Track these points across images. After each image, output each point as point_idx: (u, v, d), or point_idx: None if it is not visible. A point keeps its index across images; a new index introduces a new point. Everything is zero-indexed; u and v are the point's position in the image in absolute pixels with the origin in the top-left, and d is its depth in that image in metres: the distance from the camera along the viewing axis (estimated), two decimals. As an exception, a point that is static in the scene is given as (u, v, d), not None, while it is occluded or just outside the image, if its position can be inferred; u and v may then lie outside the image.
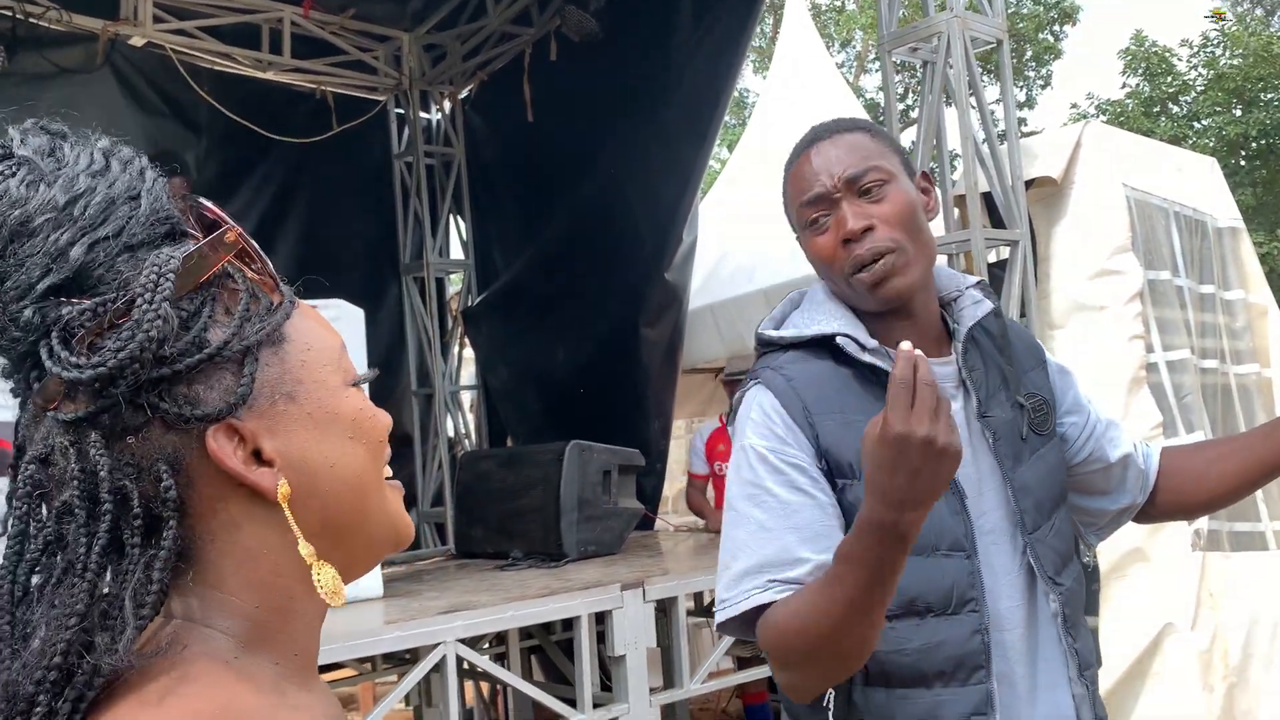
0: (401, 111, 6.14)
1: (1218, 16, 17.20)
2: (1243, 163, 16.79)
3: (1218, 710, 3.43)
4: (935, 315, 1.49)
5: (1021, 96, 19.70)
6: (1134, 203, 3.77)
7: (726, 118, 7.09)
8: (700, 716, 5.76)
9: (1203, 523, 3.59)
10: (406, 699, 4.69)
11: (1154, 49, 18.61)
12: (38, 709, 0.59)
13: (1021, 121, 19.77)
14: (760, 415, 1.40)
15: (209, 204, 0.70)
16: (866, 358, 1.39)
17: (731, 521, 1.39)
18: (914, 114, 13.77)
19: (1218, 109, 16.69)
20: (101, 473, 0.63)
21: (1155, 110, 18.49)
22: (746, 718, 5.31)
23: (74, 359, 0.62)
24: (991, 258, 4.10)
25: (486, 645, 4.10)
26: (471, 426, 6.24)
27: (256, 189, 5.58)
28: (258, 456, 0.66)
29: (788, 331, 1.48)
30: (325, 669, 3.62)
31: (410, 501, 5.95)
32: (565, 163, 5.37)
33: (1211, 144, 15.93)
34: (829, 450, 1.36)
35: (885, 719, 1.33)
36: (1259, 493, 3.94)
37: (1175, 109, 17.60)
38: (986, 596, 1.36)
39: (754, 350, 1.55)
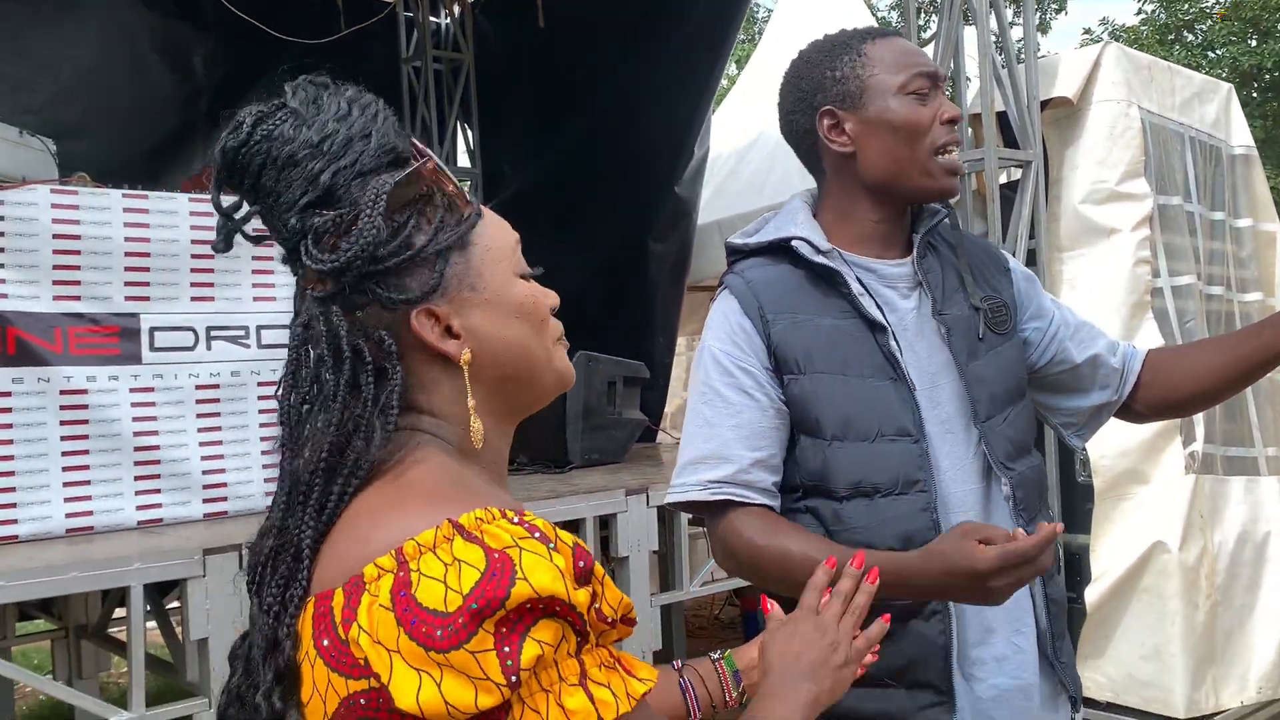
0: (410, 15, 6.05)
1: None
2: (1255, 95, 16.60)
3: (1200, 627, 3.54)
4: (904, 227, 1.58)
5: (1035, 21, 19.34)
6: (1149, 126, 3.76)
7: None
8: (694, 623, 5.91)
9: (1197, 446, 3.66)
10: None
11: (1172, -25, 18.29)
12: (315, 491, 0.85)
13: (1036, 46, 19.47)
14: (721, 320, 1.51)
15: (417, 144, 0.92)
16: (819, 259, 1.48)
17: (688, 417, 1.54)
18: (927, 32, 13.56)
19: (1233, 38, 16.44)
20: (341, 334, 0.87)
21: (1170, 38, 18.23)
22: (744, 624, 5.44)
23: (319, 254, 0.86)
24: (1003, 179, 4.10)
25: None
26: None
27: (265, 89, 5.52)
28: (450, 331, 0.89)
29: (748, 240, 1.58)
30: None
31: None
32: (578, 73, 5.32)
33: (1225, 74, 15.72)
34: (778, 347, 1.46)
35: None
36: (1254, 418, 4.01)
37: (1190, 37, 17.34)
38: (939, 479, 1.45)
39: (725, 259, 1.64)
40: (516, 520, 0.80)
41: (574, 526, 3.27)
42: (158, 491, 3.01)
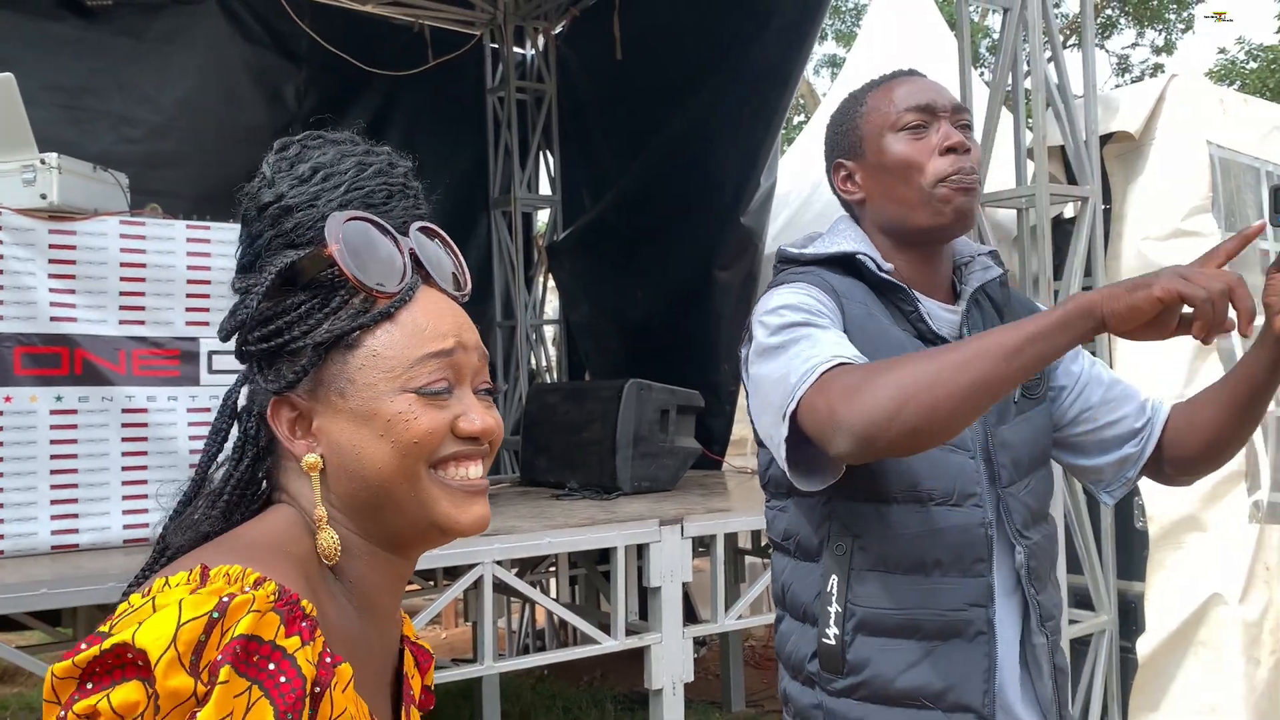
0: (496, 46, 6.22)
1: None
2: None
3: (1262, 685, 3.38)
4: (949, 272, 1.56)
5: (1160, 41, 18.69)
6: (1218, 161, 3.64)
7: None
8: (763, 653, 5.88)
9: (1263, 494, 3.50)
10: (466, 615, 4.89)
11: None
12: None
13: (1159, 68, 18.80)
14: (788, 291, 1.44)
15: (343, 224, 0.85)
16: (884, 275, 1.47)
17: (759, 363, 1.38)
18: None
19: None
20: (232, 399, 0.89)
21: (1313, 58, 17.34)
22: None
23: (224, 320, 0.86)
24: (1069, 212, 4.01)
25: (538, 570, 4.27)
26: (553, 360, 6.38)
27: (354, 121, 5.73)
28: (311, 429, 0.85)
29: (805, 250, 1.56)
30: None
31: (490, 429, 6.15)
32: (653, 102, 5.39)
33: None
34: (850, 331, 1.39)
35: (883, 606, 1.38)
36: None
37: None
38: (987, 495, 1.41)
39: (774, 268, 1.60)
40: (249, 588, 0.72)
41: (606, 555, 3.32)
42: (210, 506, 3.17)
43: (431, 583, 4.14)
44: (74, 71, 4.71)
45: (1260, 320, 1.36)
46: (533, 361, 6.23)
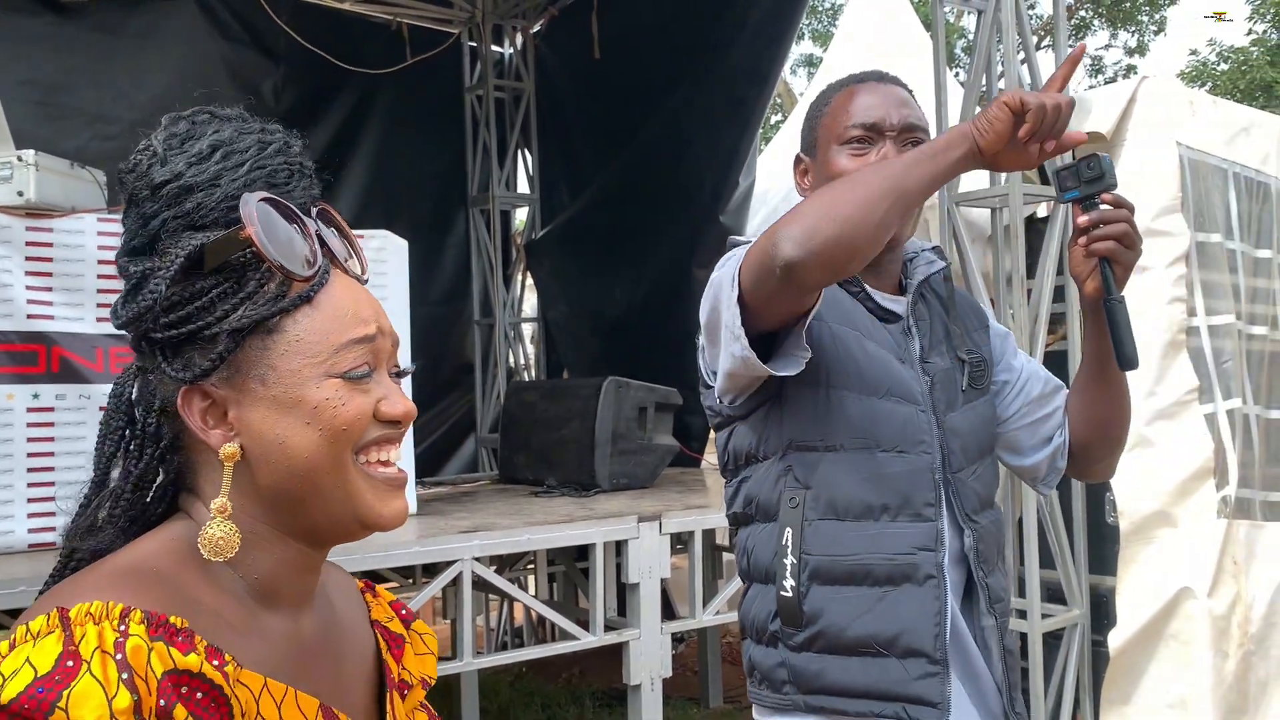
0: (474, 45, 6.22)
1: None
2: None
3: (1230, 677, 3.43)
4: (897, 268, 1.60)
5: (1133, 43, 18.88)
6: (1187, 162, 3.69)
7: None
8: (738, 649, 5.91)
9: (1231, 490, 3.56)
10: (445, 613, 4.90)
11: (1284, -7, 17.62)
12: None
13: (1131, 69, 18.99)
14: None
15: (256, 204, 0.81)
16: None
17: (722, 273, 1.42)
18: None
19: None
20: (125, 394, 0.84)
21: (1282, 59, 17.57)
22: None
23: (118, 307, 0.82)
24: (1043, 211, 4.06)
25: (516, 567, 4.28)
26: (532, 358, 6.39)
27: (332, 119, 5.74)
28: (226, 419, 0.81)
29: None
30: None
31: (470, 427, 6.18)
32: (632, 101, 5.41)
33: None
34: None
35: (833, 553, 1.42)
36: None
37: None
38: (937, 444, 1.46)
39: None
40: (123, 627, 0.69)
41: (584, 551, 3.34)
42: (189, 504, 3.17)
43: (410, 580, 4.14)
44: (48, 67, 4.68)
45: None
46: (511, 360, 6.24)
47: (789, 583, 1.42)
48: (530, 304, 6.63)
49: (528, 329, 6.53)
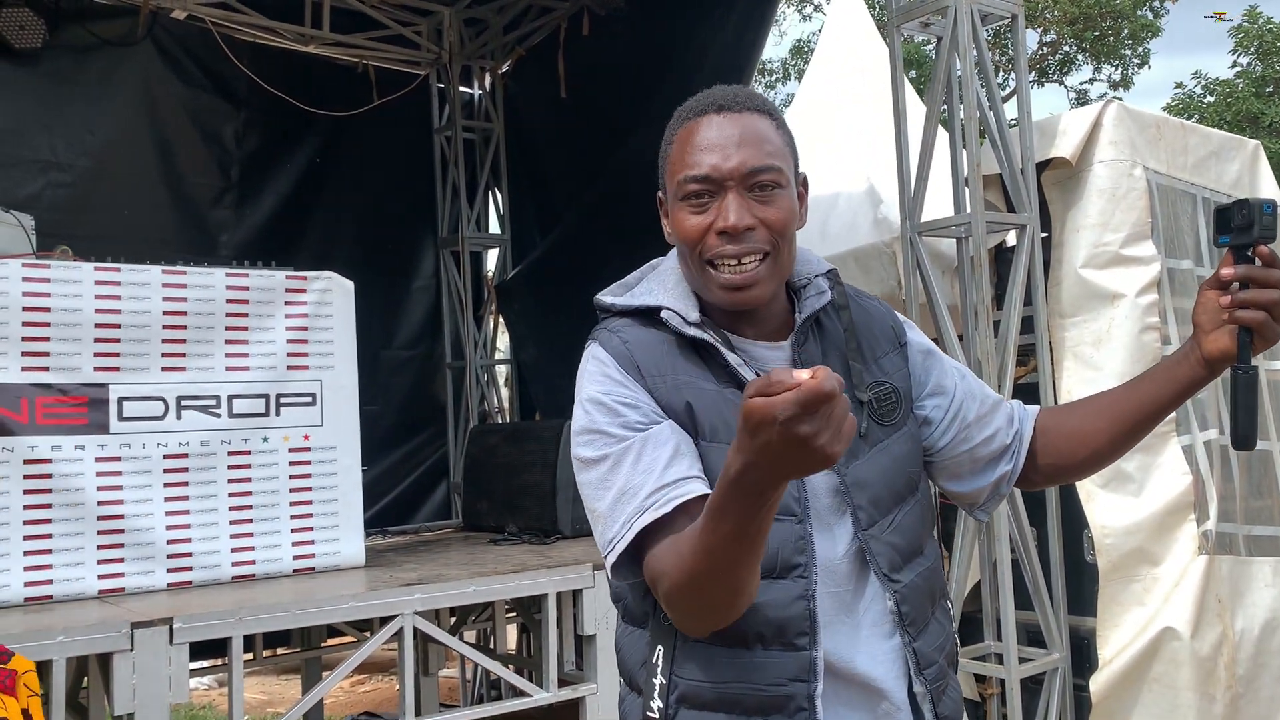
0: (442, 86, 6.16)
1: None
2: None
3: (1218, 721, 3.28)
4: (779, 305, 1.45)
5: (1117, 76, 18.95)
6: (1156, 187, 3.60)
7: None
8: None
9: (1211, 525, 3.42)
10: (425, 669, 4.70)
11: (1269, 26, 17.73)
12: None
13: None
14: (596, 366, 1.39)
15: None
16: (690, 331, 1.37)
17: (583, 472, 1.35)
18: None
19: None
20: None
21: (1268, 91, 17.62)
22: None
23: None
24: (1012, 240, 3.96)
25: (482, 618, 4.12)
26: (505, 400, 6.27)
27: (296, 162, 5.66)
28: None
29: (618, 300, 1.47)
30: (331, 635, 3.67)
31: (443, 472, 6.04)
32: (600, 138, 5.35)
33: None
34: (664, 406, 1.34)
35: (703, 680, 1.31)
36: (1280, 495, 3.75)
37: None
38: (817, 560, 1.32)
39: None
40: None
41: (537, 602, 3.20)
42: (120, 560, 3.03)
43: (367, 633, 3.98)
44: (1, 114, 4.61)
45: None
46: (484, 403, 6.11)
47: (656, 704, 1.33)
48: (504, 345, 6.51)
49: (501, 371, 6.41)
